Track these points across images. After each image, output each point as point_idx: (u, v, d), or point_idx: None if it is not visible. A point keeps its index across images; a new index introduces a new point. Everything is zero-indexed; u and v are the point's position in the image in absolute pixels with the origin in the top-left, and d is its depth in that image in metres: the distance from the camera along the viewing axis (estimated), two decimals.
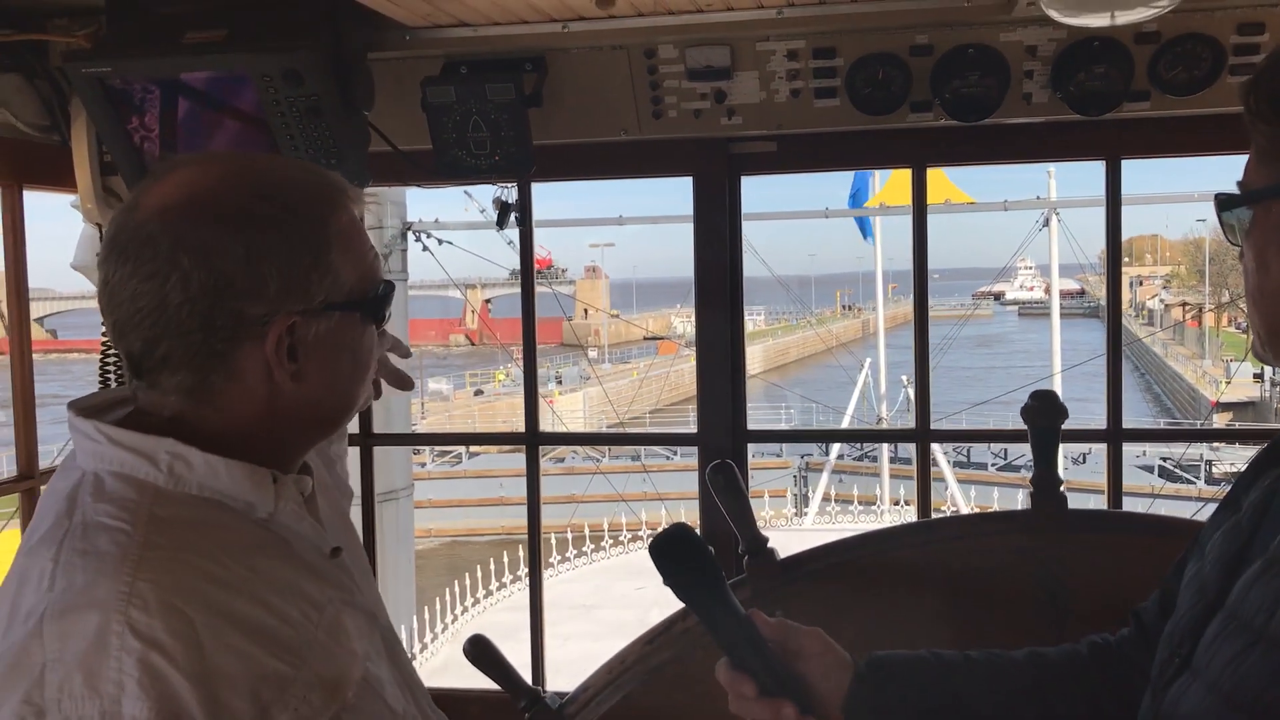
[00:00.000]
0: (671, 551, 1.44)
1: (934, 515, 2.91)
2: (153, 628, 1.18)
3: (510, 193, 2.85)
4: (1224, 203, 1.30)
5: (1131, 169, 2.79)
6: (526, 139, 2.56)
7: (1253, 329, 1.31)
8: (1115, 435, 2.79)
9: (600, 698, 2.35)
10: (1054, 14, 1.87)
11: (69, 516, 1.29)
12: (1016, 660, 1.64)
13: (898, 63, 2.50)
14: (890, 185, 18.40)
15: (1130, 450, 27.58)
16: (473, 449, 29.64)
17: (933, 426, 2.93)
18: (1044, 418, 2.18)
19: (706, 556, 1.45)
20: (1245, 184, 1.29)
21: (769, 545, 2.32)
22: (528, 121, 2.54)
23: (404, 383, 1.89)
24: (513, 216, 2.80)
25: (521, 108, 2.53)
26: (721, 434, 2.89)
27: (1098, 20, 1.89)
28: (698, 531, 2.92)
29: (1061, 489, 2.24)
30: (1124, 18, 1.87)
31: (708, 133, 2.68)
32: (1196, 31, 2.40)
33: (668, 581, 1.45)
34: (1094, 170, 2.79)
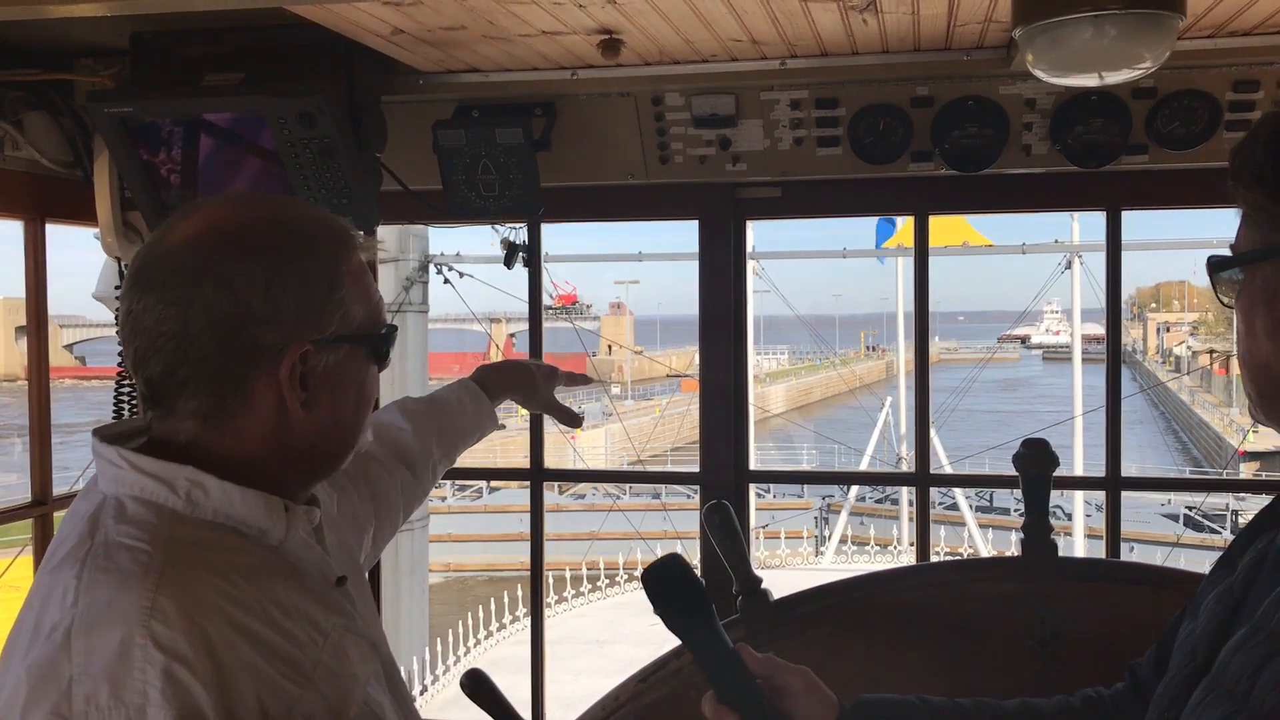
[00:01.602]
0: (663, 582, 1.46)
1: (940, 559, 2.92)
2: (174, 640, 1.23)
3: (519, 233, 2.91)
4: (1215, 265, 1.31)
5: (1158, 213, 2.81)
6: (535, 182, 2.62)
7: (1245, 390, 1.32)
8: (1114, 483, 2.80)
9: None
10: (1041, 74, 1.91)
11: (91, 537, 1.34)
12: (1008, 710, 1.64)
13: (899, 113, 2.55)
14: (909, 225, 18.44)
15: (1156, 498, 27.52)
16: (494, 484, 29.62)
17: (950, 469, 2.95)
18: (1035, 465, 2.20)
19: (697, 588, 1.47)
20: (1236, 246, 1.30)
21: (763, 586, 2.34)
22: (536, 164, 2.60)
23: (573, 420, 2.39)
24: (521, 257, 2.85)
25: (530, 151, 2.59)
26: (724, 473, 2.92)
27: (1085, 81, 1.93)
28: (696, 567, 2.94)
29: (1052, 536, 2.26)
30: (1111, 78, 1.91)
31: (713, 178, 2.73)
32: (1193, 88, 2.44)
33: (658, 611, 1.47)
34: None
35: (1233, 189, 1.27)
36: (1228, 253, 1.31)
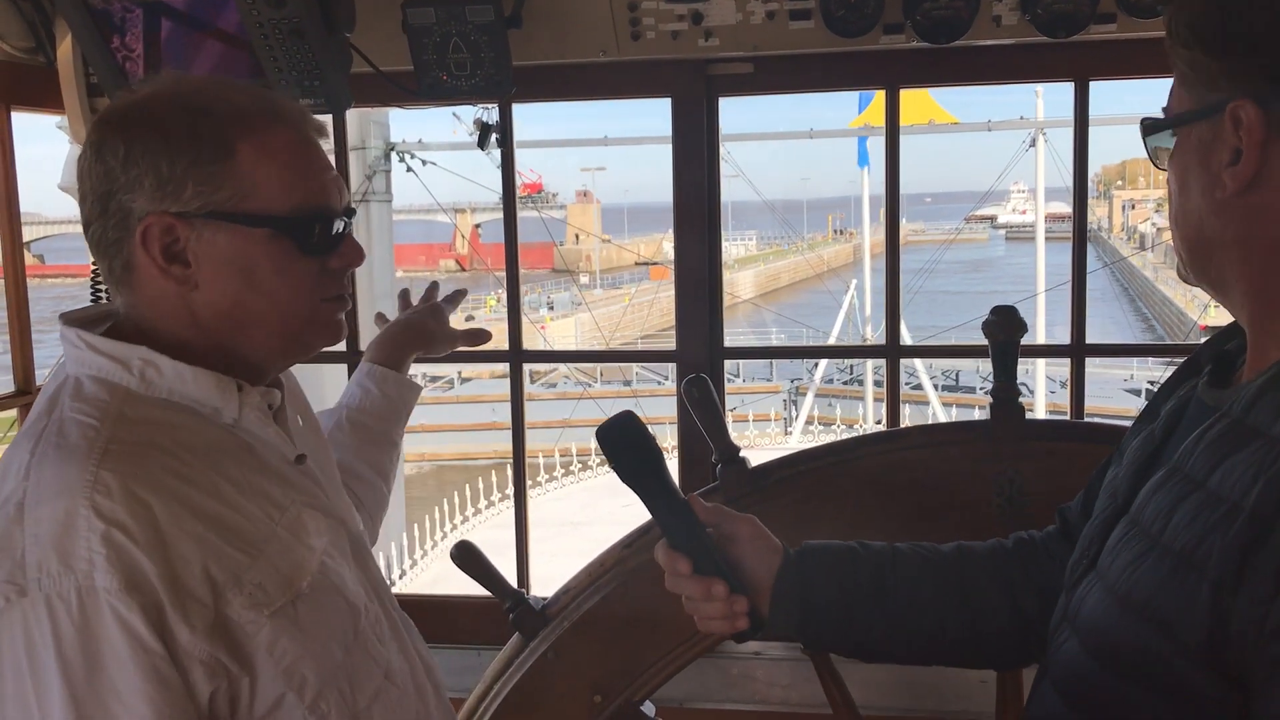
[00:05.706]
0: (616, 437, 1.53)
1: None
2: (115, 510, 1.31)
3: (491, 114, 2.90)
4: (1149, 127, 1.34)
5: (1127, 89, 2.82)
6: (506, 60, 2.60)
7: (1175, 250, 1.36)
8: (1079, 350, 2.88)
9: (580, 598, 2.46)
10: None
11: (49, 414, 1.42)
12: (942, 553, 1.72)
13: None
14: (876, 106, 18.33)
15: (1120, 374, 28.09)
16: (465, 375, 29.68)
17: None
18: (1003, 331, 2.26)
19: (649, 443, 1.54)
20: (1169, 109, 1.33)
21: (740, 454, 2.42)
22: (507, 42, 2.58)
23: (480, 336, 2.49)
24: (494, 138, 2.85)
25: (501, 29, 2.56)
26: (699, 351, 2.97)
27: None
28: (677, 440, 3.01)
29: (1019, 400, 2.34)
30: None
31: (685, 54, 2.71)
32: None
33: (613, 465, 1.53)
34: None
35: (1170, 48, 1.28)
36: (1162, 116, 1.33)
